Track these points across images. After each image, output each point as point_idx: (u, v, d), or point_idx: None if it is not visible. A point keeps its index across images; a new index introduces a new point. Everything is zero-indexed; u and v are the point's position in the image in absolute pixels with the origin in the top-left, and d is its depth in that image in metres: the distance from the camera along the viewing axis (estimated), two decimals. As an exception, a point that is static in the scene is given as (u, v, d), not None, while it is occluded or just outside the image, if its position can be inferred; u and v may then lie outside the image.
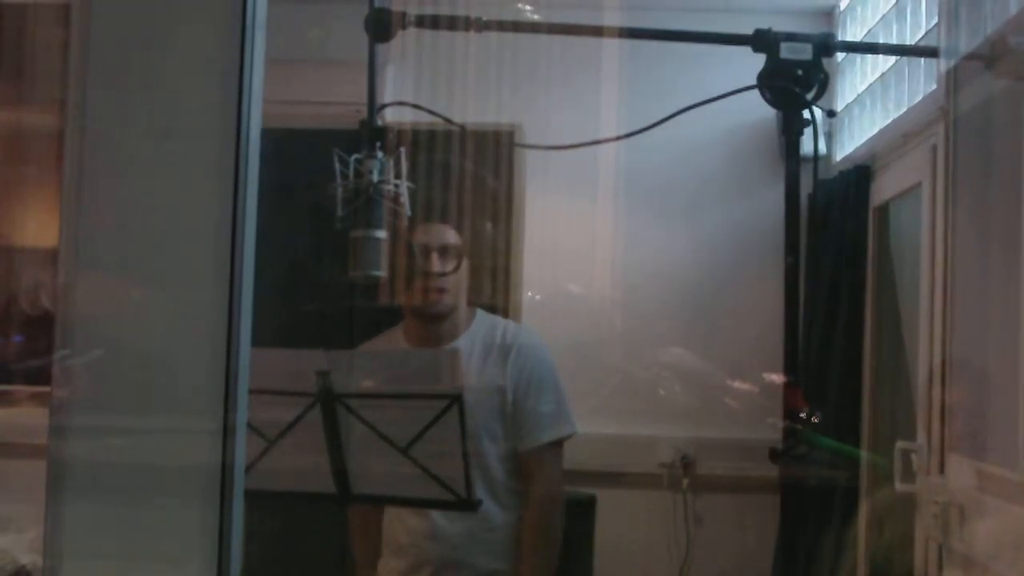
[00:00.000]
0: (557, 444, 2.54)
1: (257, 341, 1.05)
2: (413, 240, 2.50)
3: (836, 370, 3.25)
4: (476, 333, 2.56)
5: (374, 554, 2.60)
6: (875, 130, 3.26)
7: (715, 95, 2.28)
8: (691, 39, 2.77)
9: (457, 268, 2.49)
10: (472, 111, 3.53)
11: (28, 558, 2.12)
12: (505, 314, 3.58)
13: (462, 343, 2.51)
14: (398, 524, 2.54)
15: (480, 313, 2.61)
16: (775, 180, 2.55)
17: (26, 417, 2.42)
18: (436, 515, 2.45)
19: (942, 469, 2.43)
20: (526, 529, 2.50)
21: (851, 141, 3.54)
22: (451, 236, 2.54)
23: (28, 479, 1.11)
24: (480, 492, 2.45)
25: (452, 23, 2.30)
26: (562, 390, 2.57)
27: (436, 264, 2.48)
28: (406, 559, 2.52)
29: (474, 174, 3.32)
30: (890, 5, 3.13)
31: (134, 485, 1.02)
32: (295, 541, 2.89)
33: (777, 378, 2.30)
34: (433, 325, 2.53)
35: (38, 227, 2.38)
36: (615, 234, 3.75)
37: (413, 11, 2.20)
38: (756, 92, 2.22)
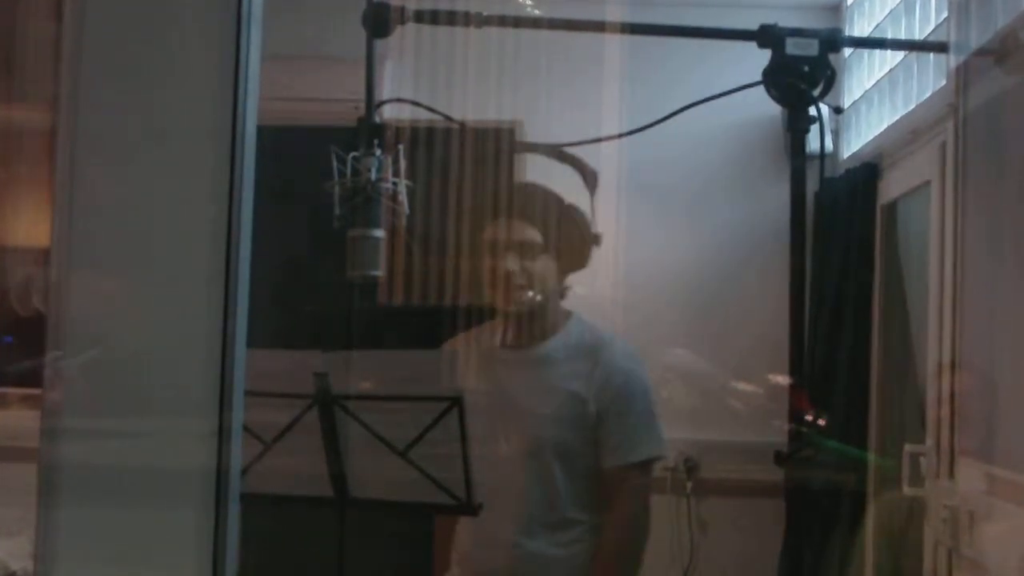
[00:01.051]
0: (646, 466, 2.45)
1: (253, 342, 1.04)
2: (485, 236, 2.43)
3: (843, 371, 3.25)
4: (568, 337, 2.45)
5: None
6: (883, 127, 3.25)
7: (720, 91, 2.27)
8: (695, 35, 2.74)
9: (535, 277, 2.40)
10: (472, 108, 3.52)
11: (19, 564, 2.11)
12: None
13: (552, 345, 2.42)
14: (465, 534, 2.48)
15: (577, 317, 2.50)
16: (780, 178, 2.53)
17: (17, 420, 2.40)
18: (501, 528, 2.37)
19: (952, 473, 2.42)
20: (603, 551, 2.40)
21: (858, 138, 3.53)
22: (529, 232, 2.43)
23: (19, 483, 1.11)
24: (542, 510, 2.38)
25: (451, 18, 2.31)
26: (654, 409, 2.46)
27: (511, 262, 2.39)
28: (467, 569, 2.47)
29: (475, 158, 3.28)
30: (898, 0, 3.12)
31: (128, 489, 1.01)
32: (292, 546, 2.87)
33: (782, 380, 2.27)
34: (519, 325, 2.44)
35: (29, 226, 2.36)
36: (618, 233, 3.74)
37: (412, 6, 2.19)
38: (761, 89, 2.21)
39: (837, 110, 3.50)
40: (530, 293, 2.41)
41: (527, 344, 2.44)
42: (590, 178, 2.54)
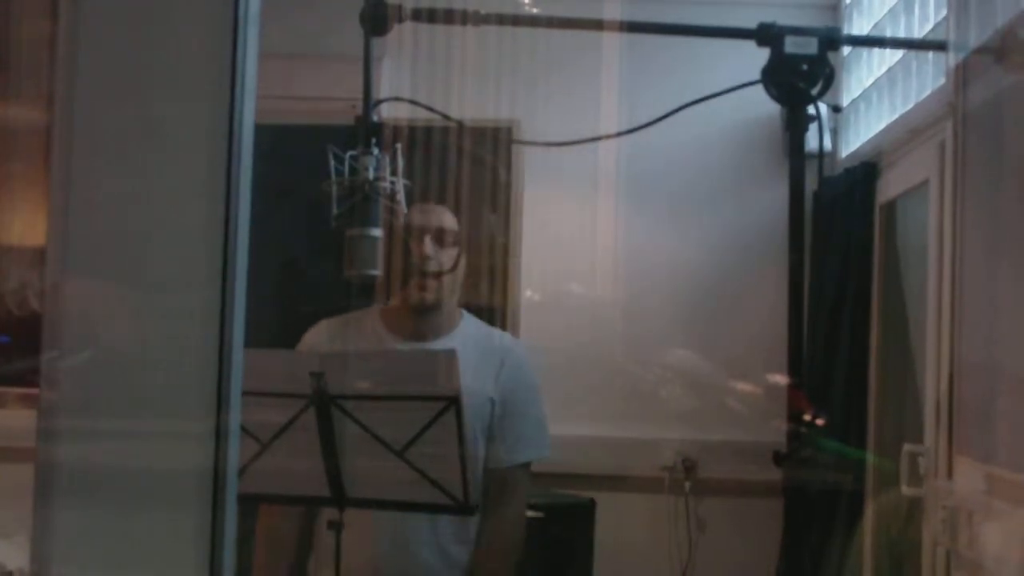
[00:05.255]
0: (528, 466, 2.45)
1: (250, 342, 1.04)
2: (407, 220, 2.34)
3: (841, 371, 3.25)
4: (465, 333, 2.43)
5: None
6: (882, 126, 3.25)
7: (718, 90, 2.26)
8: (693, 33, 2.75)
9: (456, 264, 2.37)
10: (470, 107, 3.52)
11: (15, 563, 2.10)
12: (503, 313, 3.57)
13: (451, 341, 2.38)
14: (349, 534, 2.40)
15: (467, 314, 2.48)
16: (779, 177, 2.54)
17: (14, 419, 2.40)
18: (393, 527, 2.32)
19: (950, 473, 2.41)
20: (483, 549, 2.37)
21: (857, 137, 3.53)
22: (449, 220, 2.40)
23: (16, 483, 1.10)
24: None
25: (449, 17, 2.31)
26: (544, 410, 2.47)
27: (429, 248, 2.34)
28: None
29: (473, 158, 3.27)
30: (897, -2, 3.12)
31: (124, 489, 1.01)
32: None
33: (781, 379, 2.28)
34: (418, 316, 2.40)
35: (25, 226, 2.36)
36: (616, 232, 3.75)
37: (410, 4, 2.19)
38: (760, 87, 2.21)
39: (836, 109, 3.51)
40: (442, 283, 2.36)
41: (429, 337, 2.40)
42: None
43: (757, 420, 3.41)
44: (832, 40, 2.24)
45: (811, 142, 2.28)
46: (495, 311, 3.55)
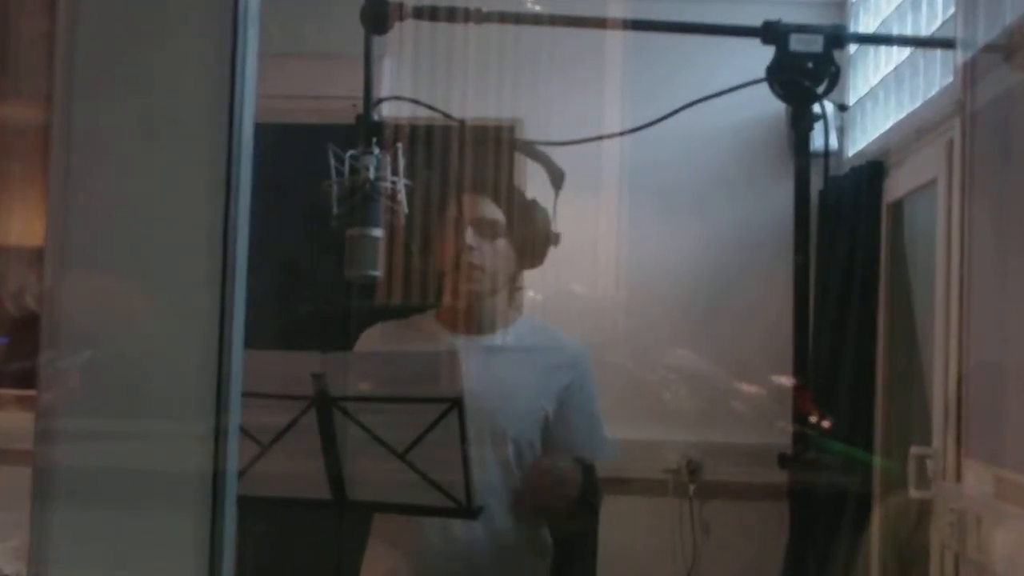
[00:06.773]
0: (592, 468, 2.47)
1: (250, 343, 1.03)
2: (448, 213, 2.39)
3: (848, 372, 3.23)
4: (522, 331, 2.45)
5: None
6: (888, 124, 3.23)
7: (722, 89, 2.25)
8: (698, 31, 2.74)
9: (503, 256, 2.37)
10: (472, 105, 3.51)
11: (12, 567, 2.11)
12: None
13: (505, 337, 2.42)
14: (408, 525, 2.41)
15: (527, 315, 2.54)
16: (785, 176, 2.52)
17: (11, 421, 2.39)
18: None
19: (958, 475, 2.40)
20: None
21: (863, 136, 3.51)
22: (491, 210, 2.40)
23: (13, 486, 1.09)
24: (500, 499, 2.36)
25: (451, 15, 2.31)
26: (600, 413, 2.51)
27: (471, 239, 2.35)
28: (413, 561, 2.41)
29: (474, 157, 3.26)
30: (903, -5, 3.11)
31: (123, 491, 1.00)
32: (289, 548, 2.86)
33: (786, 381, 2.27)
34: (469, 309, 2.42)
35: (23, 226, 2.35)
36: (619, 232, 3.75)
37: (411, 2, 2.19)
38: (765, 86, 2.20)
39: (842, 107, 3.51)
40: (486, 274, 2.37)
41: (484, 332, 2.42)
42: (556, 176, 2.54)
43: (762, 422, 3.40)
44: (838, 38, 2.24)
45: (817, 141, 2.27)
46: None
